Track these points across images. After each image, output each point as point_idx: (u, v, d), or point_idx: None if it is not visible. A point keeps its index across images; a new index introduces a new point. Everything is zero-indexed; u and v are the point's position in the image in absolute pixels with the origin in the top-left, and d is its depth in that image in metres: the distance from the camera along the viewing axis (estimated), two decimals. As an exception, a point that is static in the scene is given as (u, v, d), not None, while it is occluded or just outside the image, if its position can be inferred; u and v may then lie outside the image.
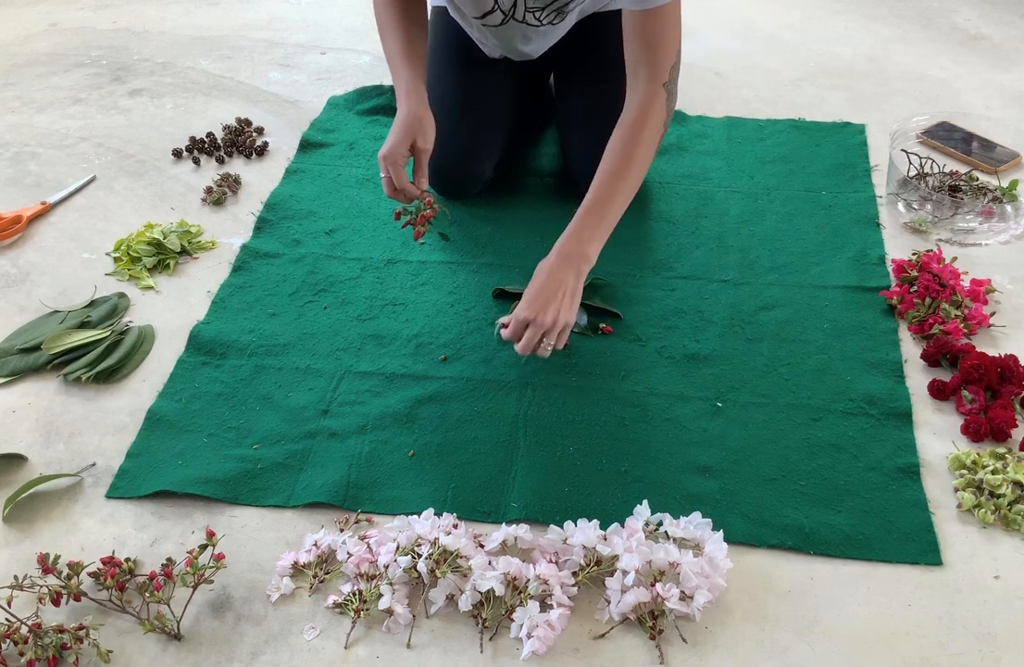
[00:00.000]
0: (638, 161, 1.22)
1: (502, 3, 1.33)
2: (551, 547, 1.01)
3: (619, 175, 1.21)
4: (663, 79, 1.21)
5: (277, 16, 2.21)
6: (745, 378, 1.23)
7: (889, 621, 0.96)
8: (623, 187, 1.21)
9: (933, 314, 1.30)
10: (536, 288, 1.17)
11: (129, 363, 1.28)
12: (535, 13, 1.34)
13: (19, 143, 1.75)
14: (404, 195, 1.23)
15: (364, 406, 1.20)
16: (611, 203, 1.20)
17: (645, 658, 0.93)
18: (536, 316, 1.14)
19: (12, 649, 0.92)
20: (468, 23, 1.47)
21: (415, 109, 1.24)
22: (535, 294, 1.16)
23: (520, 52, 1.48)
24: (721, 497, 1.08)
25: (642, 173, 1.24)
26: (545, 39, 1.45)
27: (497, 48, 1.49)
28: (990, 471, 1.08)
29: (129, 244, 1.46)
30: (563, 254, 1.19)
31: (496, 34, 1.43)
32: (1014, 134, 1.63)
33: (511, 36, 1.42)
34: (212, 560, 0.98)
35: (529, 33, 1.41)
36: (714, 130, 1.73)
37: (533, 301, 1.16)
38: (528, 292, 1.17)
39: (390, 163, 1.20)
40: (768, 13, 2.17)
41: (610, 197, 1.20)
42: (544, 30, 1.41)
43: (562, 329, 1.17)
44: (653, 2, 1.16)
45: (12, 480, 1.12)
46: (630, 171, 1.21)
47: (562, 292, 1.16)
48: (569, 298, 1.17)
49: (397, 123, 1.23)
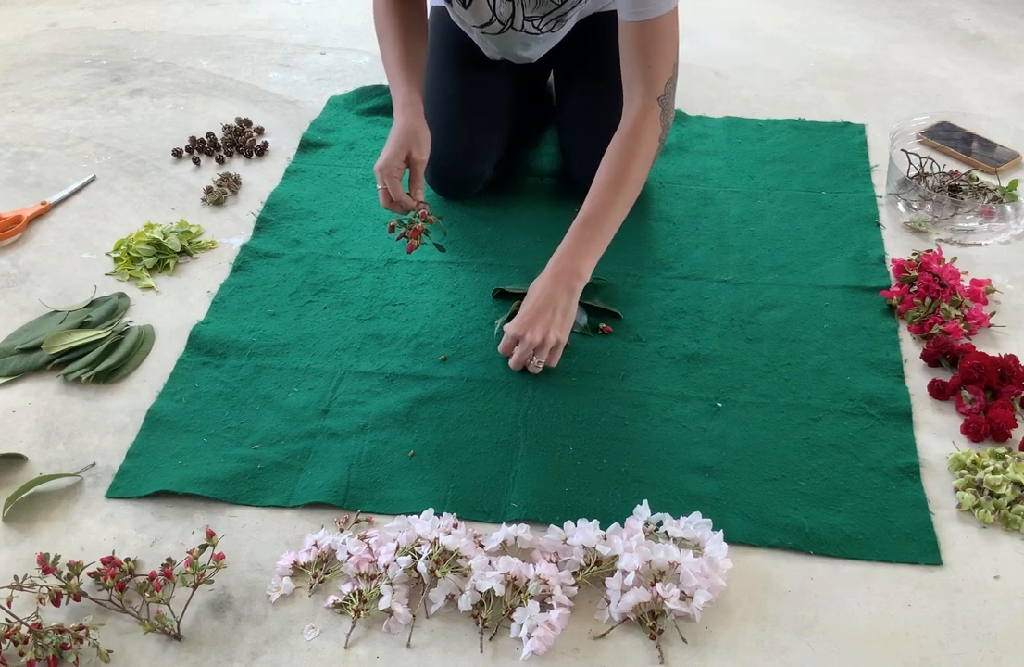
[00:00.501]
0: (633, 175, 1.23)
1: (500, 14, 1.33)
2: (551, 547, 1.01)
3: (613, 189, 1.22)
4: (658, 93, 1.22)
5: (277, 16, 2.22)
6: (745, 378, 1.23)
7: (889, 621, 0.96)
8: (618, 201, 1.22)
9: (933, 314, 1.30)
10: (528, 307, 1.20)
11: (129, 363, 1.28)
12: (533, 22, 1.35)
13: (19, 143, 1.75)
14: (400, 206, 1.24)
15: (364, 406, 1.20)
16: (605, 217, 1.21)
17: (645, 658, 0.93)
18: (525, 334, 1.18)
19: (12, 649, 0.92)
20: (468, 29, 1.47)
21: (411, 121, 1.25)
22: (526, 312, 1.19)
23: (520, 57, 1.48)
24: (721, 497, 1.08)
25: (637, 186, 1.24)
26: (544, 44, 1.45)
27: (497, 53, 1.49)
28: (990, 471, 1.08)
29: (129, 244, 1.46)
30: (555, 271, 1.21)
31: (495, 41, 1.43)
32: (1014, 134, 1.63)
33: (510, 43, 1.43)
34: (212, 560, 0.98)
35: (528, 40, 1.41)
36: (714, 130, 1.73)
37: (523, 319, 1.19)
38: (522, 310, 1.21)
39: (386, 175, 1.22)
40: (768, 13, 2.17)
41: (604, 211, 1.21)
42: (543, 37, 1.41)
43: (554, 347, 1.19)
44: (649, 14, 1.16)
45: (12, 480, 1.12)
46: (624, 185, 1.22)
47: (551, 310, 1.19)
48: (560, 316, 1.19)
49: (393, 135, 1.25)
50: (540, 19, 1.34)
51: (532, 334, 1.18)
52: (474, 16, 1.35)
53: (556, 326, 1.18)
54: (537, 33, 1.38)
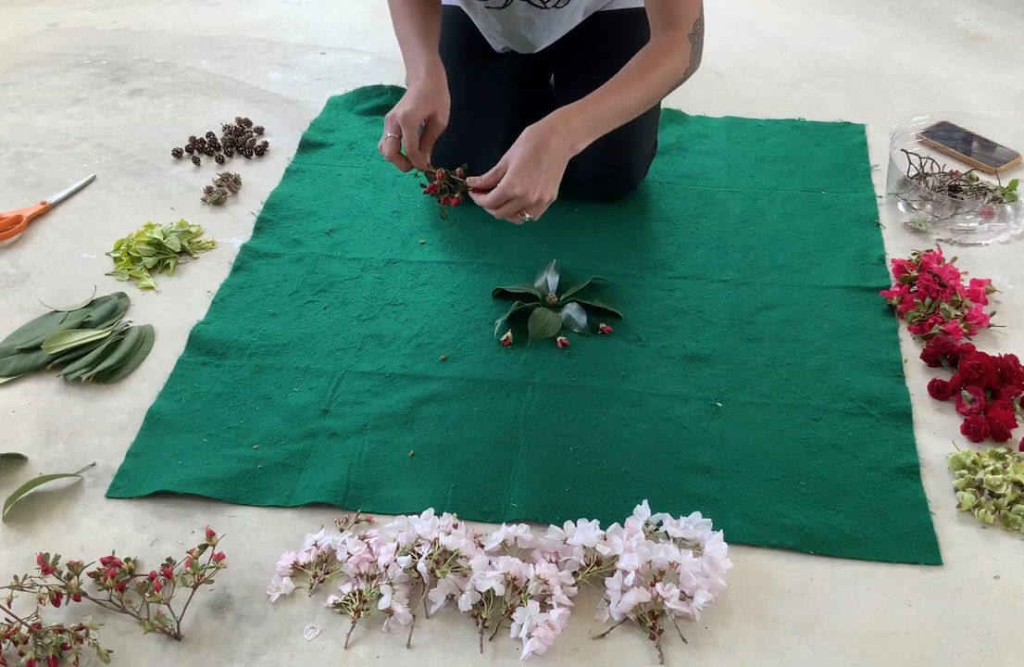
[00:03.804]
0: (651, 78, 1.18)
1: None
2: (551, 547, 1.01)
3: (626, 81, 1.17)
4: (688, 30, 1.20)
5: (277, 16, 2.21)
6: (745, 378, 1.23)
7: (889, 621, 0.96)
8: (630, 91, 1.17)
9: (933, 314, 1.30)
10: (525, 156, 1.10)
11: (129, 363, 1.28)
12: None
13: (19, 143, 1.75)
14: (406, 162, 1.17)
15: (364, 406, 1.20)
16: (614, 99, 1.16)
17: (645, 658, 0.93)
18: (526, 192, 1.09)
19: (12, 649, 0.92)
20: (473, 10, 1.46)
21: (438, 84, 1.20)
22: (522, 164, 1.09)
23: (524, 40, 1.47)
24: (721, 497, 1.08)
25: (654, 91, 1.20)
26: (549, 29, 1.44)
27: (503, 36, 1.48)
28: (990, 471, 1.08)
29: (129, 244, 1.46)
30: (551, 124, 1.13)
31: (500, 18, 1.42)
32: (1014, 134, 1.63)
33: (515, 21, 1.41)
34: (212, 560, 0.98)
35: (533, 16, 1.40)
36: (714, 130, 1.73)
37: (520, 172, 1.09)
38: (516, 160, 1.10)
39: (406, 125, 1.14)
40: (768, 13, 2.17)
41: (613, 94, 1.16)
42: (548, 14, 1.40)
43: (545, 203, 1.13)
44: None
45: (12, 480, 1.12)
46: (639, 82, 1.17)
47: (549, 164, 1.11)
48: (556, 170, 1.12)
49: (415, 92, 1.18)
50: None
51: (532, 193, 1.10)
52: None
53: (552, 183, 1.11)
54: (542, 6, 1.36)
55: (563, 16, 1.42)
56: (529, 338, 1.29)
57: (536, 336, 1.29)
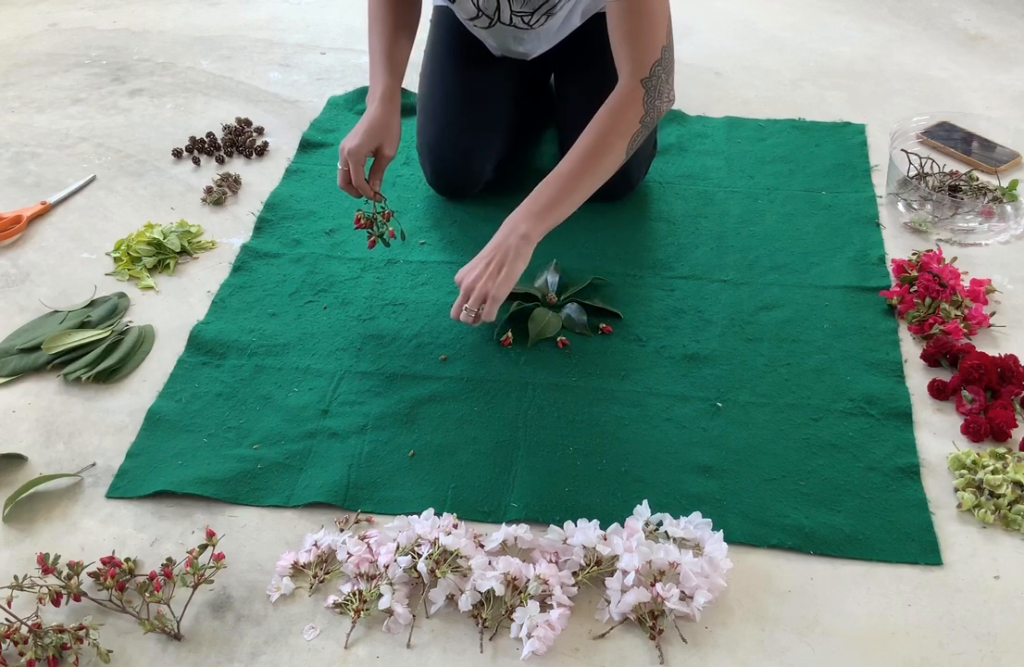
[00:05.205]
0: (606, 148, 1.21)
1: (485, 8, 1.33)
2: (551, 547, 1.01)
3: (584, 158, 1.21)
4: (642, 75, 1.21)
5: (277, 16, 2.22)
6: (745, 378, 1.23)
7: (889, 621, 0.96)
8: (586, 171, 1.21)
9: (933, 314, 1.30)
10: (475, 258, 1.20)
11: (129, 363, 1.28)
12: (523, 17, 1.35)
13: (19, 143, 1.75)
14: (356, 191, 1.27)
15: (364, 406, 1.20)
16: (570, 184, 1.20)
17: (645, 658, 0.93)
18: (462, 281, 1.19)
19: (12, 649, 0.92)
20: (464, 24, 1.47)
21: (388, 115, 1.27)
22: (471, 262, 1.20)
23: (516, 52, 1.48)
24: (721, 497, 1.08)
25: (611, 161, 1.22)
26: (539, 41, 1.45)
27: (497, 48, 1.49)
28: (990, 471, 1.08)
29: (129, 244, 1.46)
30: (506, 229, 1.20)
31: (489, 35, 1.43)
32: (1014, 134, 1.63)
33: (503, 38, 1.43)
34: (212, 560, 0.98)
35: (520, 35, 1.41)
36: (714, 130, 1.73)
37: (465, 267, 1.20)
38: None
39: (352, 159, 1.23)
40: (768, 13, 2.17)
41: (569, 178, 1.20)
42: (536, 31, 1.41)
43: (489, 300, 1.16)
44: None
45: (12, 480, 1.12)
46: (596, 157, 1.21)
47: (490, 261, 1.17)
48: (496, 268, 1.17)
49: (367, 123, 1.26)
50: (530, 14, 1.34)
51: (467, 280, 1.17)
52: (461, 9, 1.36)
53: (490, 277, 1.16)
54: (527, 28, 1.38)
55: (551, 30, 1.43)
56: (529, 338, 1.29)
57: (536, 336, 1.29)
